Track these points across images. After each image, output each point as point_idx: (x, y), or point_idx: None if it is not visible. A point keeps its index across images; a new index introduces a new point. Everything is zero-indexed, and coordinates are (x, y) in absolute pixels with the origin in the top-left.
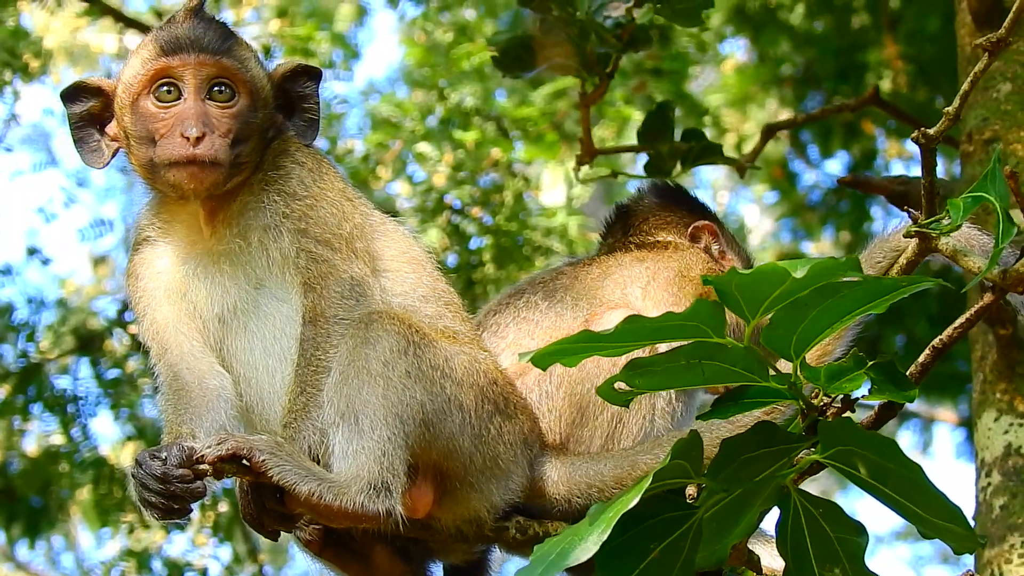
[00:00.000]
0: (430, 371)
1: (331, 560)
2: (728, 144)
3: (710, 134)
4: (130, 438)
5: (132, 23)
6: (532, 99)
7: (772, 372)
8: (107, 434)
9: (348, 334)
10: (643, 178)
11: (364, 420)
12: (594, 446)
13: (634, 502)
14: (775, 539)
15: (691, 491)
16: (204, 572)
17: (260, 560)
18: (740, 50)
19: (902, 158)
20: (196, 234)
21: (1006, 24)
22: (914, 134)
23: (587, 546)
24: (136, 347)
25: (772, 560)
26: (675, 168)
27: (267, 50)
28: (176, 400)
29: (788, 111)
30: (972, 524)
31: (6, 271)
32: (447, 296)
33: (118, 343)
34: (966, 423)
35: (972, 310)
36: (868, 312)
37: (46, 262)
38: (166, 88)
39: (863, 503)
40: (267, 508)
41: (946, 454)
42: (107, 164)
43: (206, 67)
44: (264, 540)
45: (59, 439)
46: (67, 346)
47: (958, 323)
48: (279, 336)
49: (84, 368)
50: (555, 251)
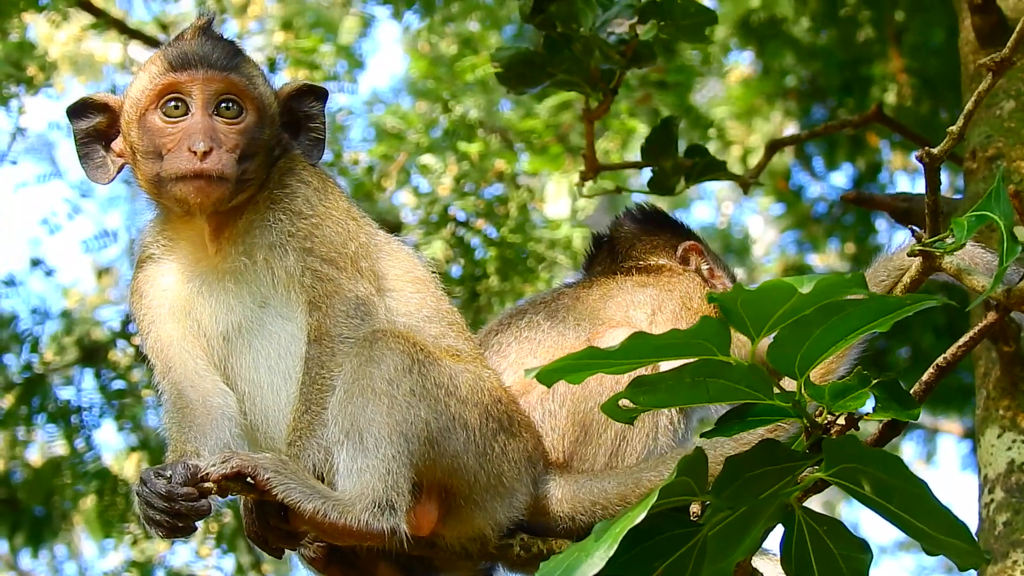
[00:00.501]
0: (434, 389)
1: None
2: (733, 156)
3: (715, 147)
4: (133, 449)
5: (137, 35)
6: (537, 111)
7: (776, 390)
8: (111, 444)
9: (352, 353)
10: (647, 193)
11: (368, 438)
12: (598, 464)
13: (640, 519)
14: (779, 557)
15: (695, 508)
16: None
17: (264, 571)
18: (745, 61)
19: (907, 170)
20: (201, 252)
21: (1010, 44)
22: (918, 153)
23: (593, 563)
24: (140, 358)
25: None
26: (679, 184)
27: (272, 62)
28: (180, 418)
29: (793, 123)
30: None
31: (9, 282)
32: (451, 316)
33: (121, 354)
34: (971, 435)
35: (976, 329)
36: (872, 330)
37: (50, 273)
38: (174, 103)
39: (867, 514)
40: (271, 526)
41: (951, 465)
42: (112, 180)
43: (214, 83)
44: None
45: (63, 449)
46: (71, 357)
47: (962, 341)
48: (283, 354)
49: (88, 379)
50: (559, 263)
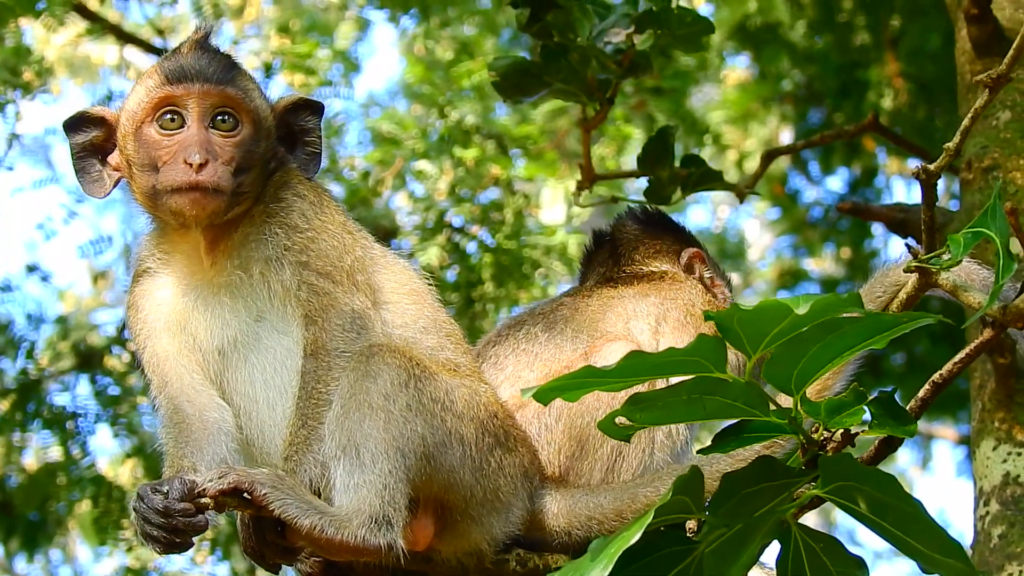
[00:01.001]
0: (431, 404)
1: None
2: (728, 161)
3: (710, 151)
4: (129, 455)
5: (133, 40)
6: (532, 117)
7: (772, 407)
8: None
9: (349, 367)
10: (643, 203)
11: (365, 453)
12: (594, 479)
13: (636, 537)
14: (775, 573)
15: (692, 525)
16: None
17: None
18: (741, 64)
19: (903, 175)
20: (196, 265)
21: (1006, 60)
22: (915, 169)
23: None
24: (135, 365)
25: None
26: (675, 193)
27: (268, 67)
28: (177, 433)
29: (789, 127)
30: (971, 554)
31: (6, 287)
32: (447, 328)
33: (117, 361)
34: (966, 441)
35: (972, 345)
36: (868, 348)
37: (45, 279)
38: (170, 116)
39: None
40: (268, 541)
41: (946, 471)
42: (108, 194)
43: (210, 96)
44: None
45: (58, 454)
46: (66, 362)
47: (958, 358)
48: (280, 369)
49: (83, 385)
50: (554, 270)
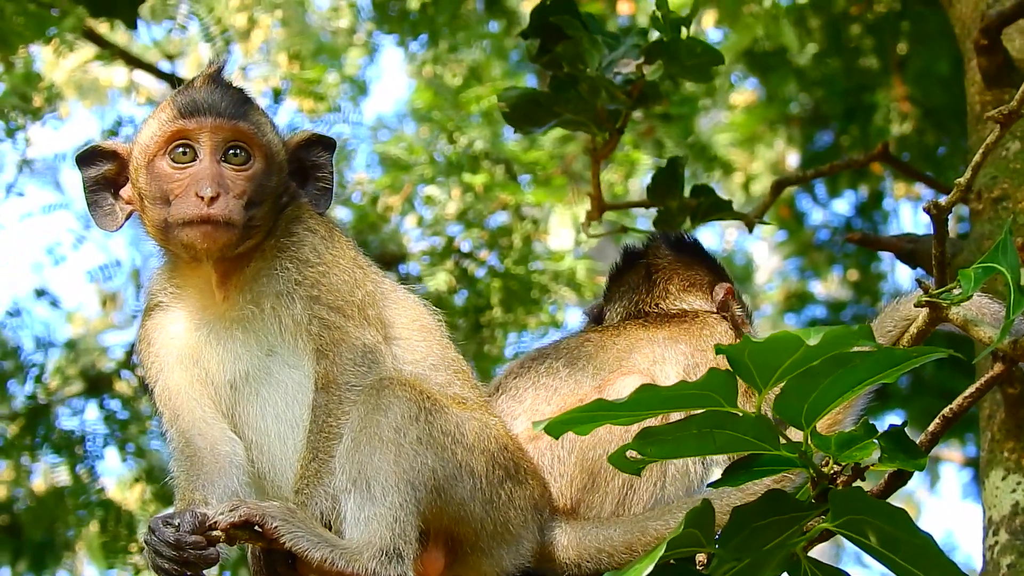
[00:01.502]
0: (441, 437)
1: None
2: (735, 183)
3: (718, 175)
4: (137, 479)
5: (143, 65)
6: (541, 143)
7: (783, 441)
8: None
9: (360, 401)
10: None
11: (376, 486)
12: (604, 511)
13: (648, 571)
14: None
15: (702, 559)
16: None
17: None
18: (749, 86)
19: (910, 198)
20: (208, 299)
21: (1018, 96)
22: (926, 204)
23: None
24: (143, 389)
25: None
26: (685, 223)
27: (277, 93)
28: (188, 466)
29: (795, 150)
30: None
31: (15, 312)
32: (457, 364)
33: (126, 385)
34: (972, 463)
35: (983, 379)
36: (879, 382)
37: (55, 303)
38: (182, 149)
39: None
40: (279, 574)
41: (953, 493)
42: (120, 227)
43: (222, 130)
44: None
45: (66, 476)
46: (75, 387)
47: (968, 392)
48: (291, 403)
49: (92, 409)
50: (562, 295)
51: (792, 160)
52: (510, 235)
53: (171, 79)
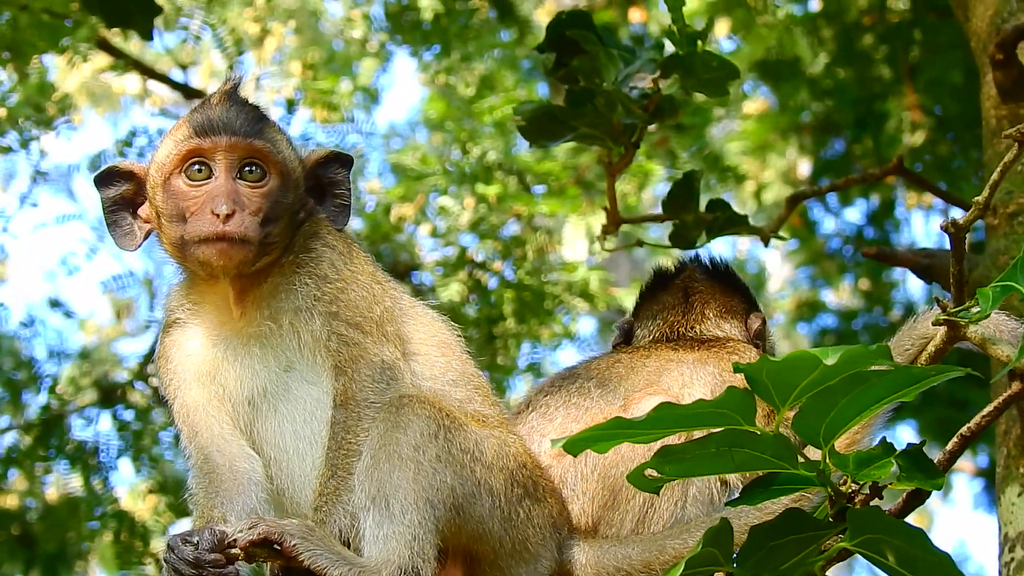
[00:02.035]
0: (460, 455)
1: None
2: (747, 191)
3: (729, 184)
4: (151, 490)
5: (157, 76)
6: (554, 153)
7: (801, 459)
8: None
9: (379, 418)
10: (667, 247)
11: (395, 504)
12: (624, 529)
13: None
14: None
15: None
16: None
17: None
18: (760, 93)
19: (922, 207)
20: (226, 316)
21: None
22: (943, 224)
23: None
24: (158, 399)
25: None
26: (700, 238)
27: (291, 103)
28: (207, 483)
29: (807, 159)
30: None
31: (29, 323)
32: (476, 380)
33: (140, 395)
34: (985, 473)
35: (1001, 398)
36: (897, 400)
37: (68, 314)
38: (198, 167)
39: None
40: None
41: (965, 503)
42: (139, 246)
43: (237, 148)
44: None
45: (79, 486)
46: (89, 397)
47: (986, 412)
48: (309, 419)
49: (106, 419)
50: (576, 306)
51: (804, 169)
52: (523, 246)
53: (184, 89)
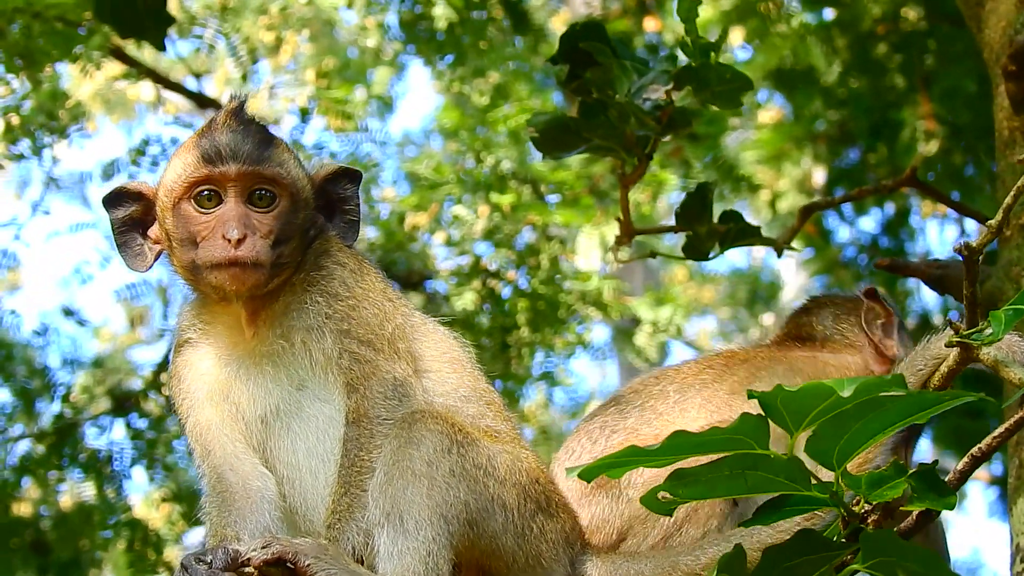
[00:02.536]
0: (474, 470)
1: None
2: (761, 201)
3: (744, 193)
4: (164, 498)
5: (169, 84)
6: (568, 163)
7: (814, 481)
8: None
9: (392, 434)
10: (680, 258)
11: (409, 520)
12: (648, 542)
13: None
14: None
15: None
16: None
17: None
18: (776, 102)
19: (936, 216)
20: (238, 335)
21: None
22: (956, 246)
23: None
24: (170, 408)
25: None
26: (713, 249)
27: (304, 113)
28: (220, 502)
29: (822, 168)
30: None
31: (42, 332)
32: (488, 395)
33: (153, 404)
34: (999, 482)
35: (1012, 420)
36: (910, 423)
37: (82, 322)
38: (207, 194)
39: None
40: None
41: (979, 512)
42: (150, 267)
43: (246, 177)
44: None
45: (93, 494)
46: (102, 405)
47: (997, 432)
48: (322, 437)
49: (119, 427)
50: (589, 315)
51: (819, 178)
52: (537, 255)
53: (198, 97)
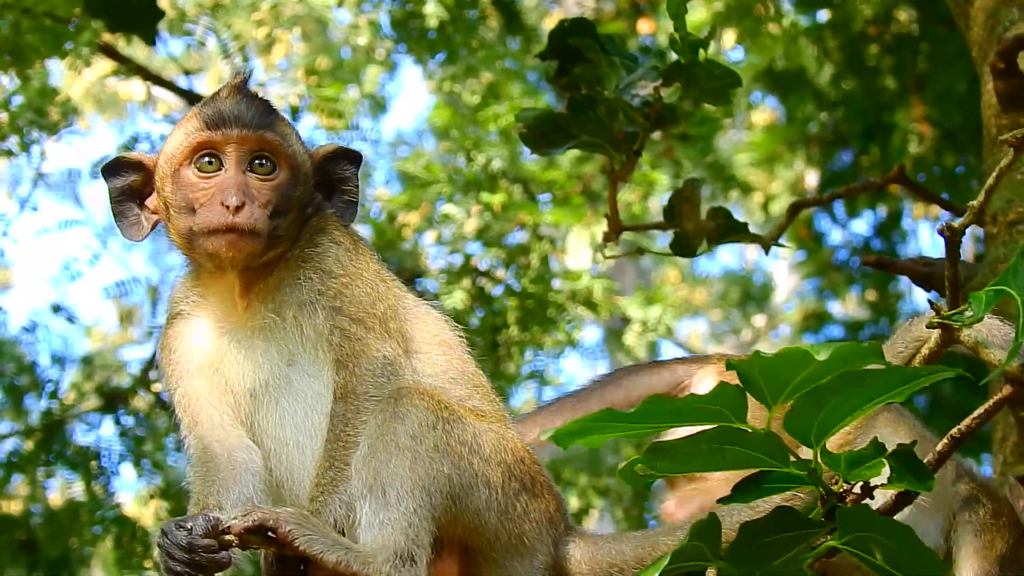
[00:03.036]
0: (458, 446)
1: None
2: (754, 203)
3: (736, 194)
4: (153, 495)
5: (161, 81)
6: (559, 162)
7: (793, 458)
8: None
9: (377, 409)
10: (668, 255)
11: (391, 492)
12: None
13: None
14: None
15: (710, 574)
16: None
17: None
18: (768, 104)
19: (928, 218)
20: (230, 308)
21: None
22: (940, 227)
23: None
24: (160, 404)
25: None
26: (701, 246)
27: (295, 110)
28: (204, 472)
29: (815, 170)
30: None
31: (31, 328)
32: (476, 378)
33: (142, 401)
34: None
35: (991, 401)
36: (889, 400)
37: (71, 319)
38: (208, 159)
39: None
40: None
41: None
42: (146, 237)
43: (248, 141)
44: None
45: (81, 492)
46: (91, 403)
47: (977, 413)
48: (310, 412)
49: (108, 424)
50: (579, 314)
51: (812, 180)
52: (527, 254)
53: (190, 95)
